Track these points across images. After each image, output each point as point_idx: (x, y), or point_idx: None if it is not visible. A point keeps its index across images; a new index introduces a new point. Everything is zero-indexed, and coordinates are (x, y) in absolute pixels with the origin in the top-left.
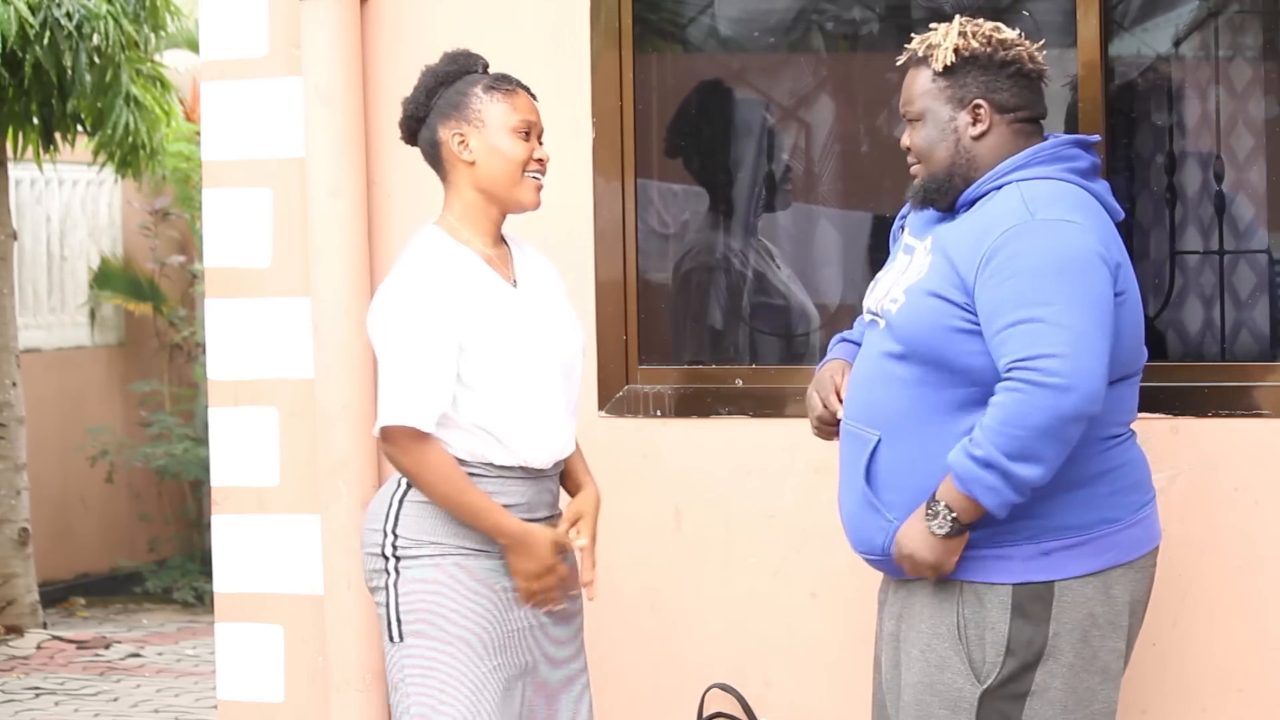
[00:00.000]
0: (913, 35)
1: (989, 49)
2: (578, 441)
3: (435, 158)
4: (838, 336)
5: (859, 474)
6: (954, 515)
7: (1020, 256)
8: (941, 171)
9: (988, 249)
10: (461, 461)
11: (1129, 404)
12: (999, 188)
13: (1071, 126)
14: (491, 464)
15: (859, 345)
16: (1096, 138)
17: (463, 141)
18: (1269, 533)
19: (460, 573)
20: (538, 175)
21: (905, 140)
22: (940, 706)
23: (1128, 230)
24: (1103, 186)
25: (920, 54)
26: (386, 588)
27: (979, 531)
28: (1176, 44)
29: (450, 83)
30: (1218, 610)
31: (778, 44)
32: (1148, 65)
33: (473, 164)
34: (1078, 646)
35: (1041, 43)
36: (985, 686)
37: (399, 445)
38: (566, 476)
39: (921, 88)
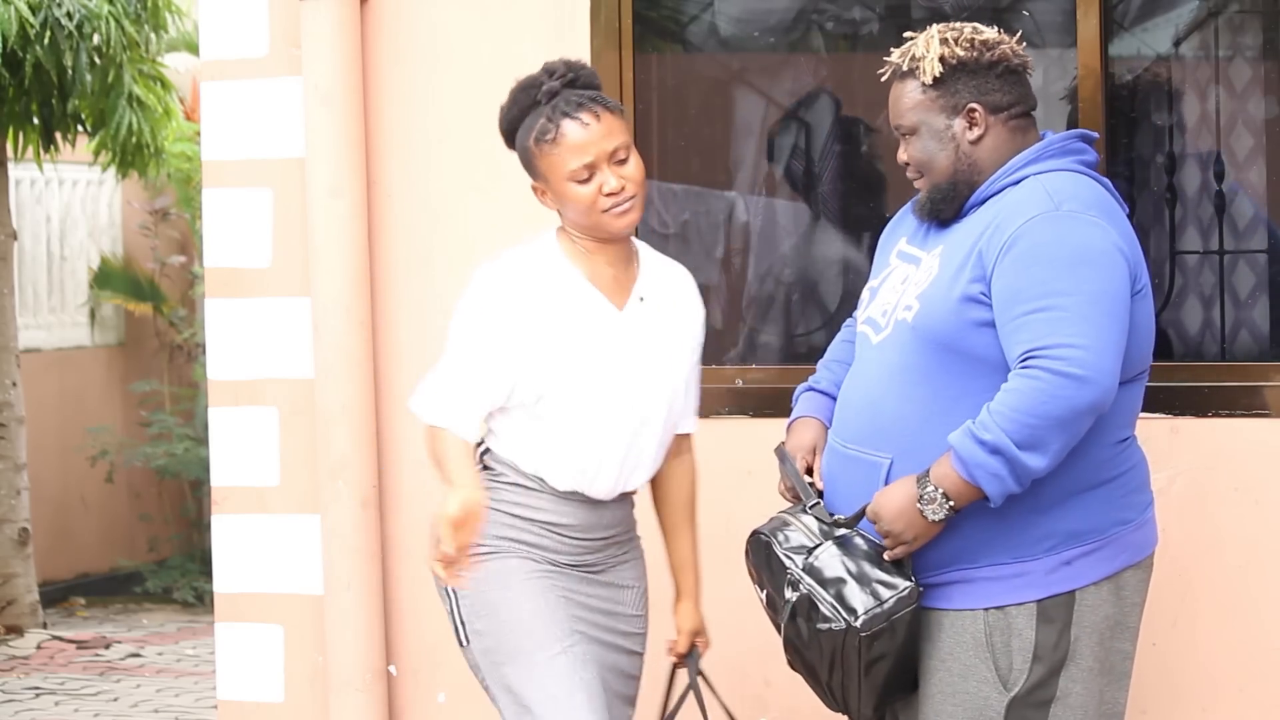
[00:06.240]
0: (891, 49)
1: (974, 53)
2: (696, 543)
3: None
4: (804, 386)
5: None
6: (951, 503)
7: (1044, 246)
8: (945, 180)
9: (1009, 237)
10: (523, 474)
11: (1138, 405)
12: (1016, 182)
13: (1071, 126)
14: (544, 481)
15: (828, 396)
16: (1095, 134)
17: (543, 194)
18: (1269, 533)
19: (513, 562)
20: (614, 206)
21: (902, 155)
22: (964, 717)
23: None
24: (1107, 181)
25: (905, 67)
26: (448, 593)
27: (998, 546)
28: (1176, 44)
29: (524, 116)
30: (1218, 610)
31: (778, 44)
32: (1148, 65)
33: (557, 209)
34: (1095, 650)
35: (1019, 34)
36: (1013, 694)
37: (429, 429)
38: (674, 568)
39: (912, 101)
